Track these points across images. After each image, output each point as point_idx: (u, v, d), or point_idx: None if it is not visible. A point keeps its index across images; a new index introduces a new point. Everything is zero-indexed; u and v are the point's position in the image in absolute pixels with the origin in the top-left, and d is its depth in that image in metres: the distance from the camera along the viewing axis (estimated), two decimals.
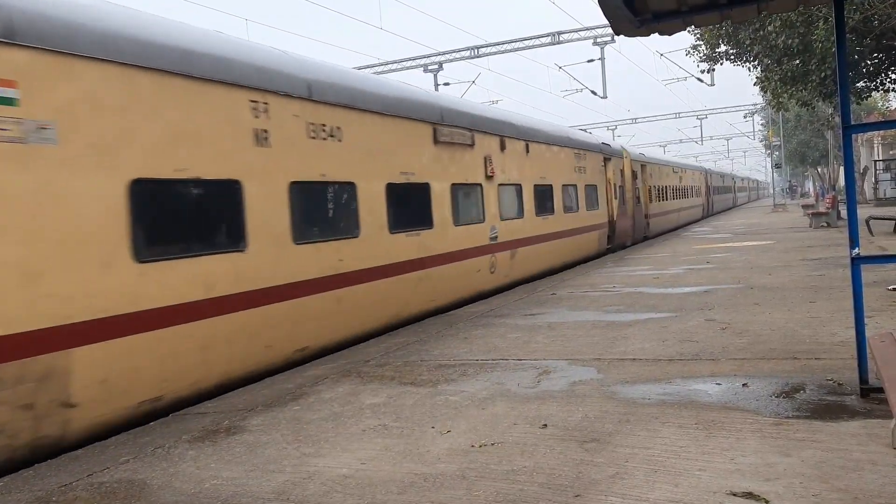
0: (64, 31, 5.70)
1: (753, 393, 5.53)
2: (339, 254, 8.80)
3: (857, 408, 4.97)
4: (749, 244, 20.44)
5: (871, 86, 22.01)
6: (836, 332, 7.46)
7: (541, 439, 4.81)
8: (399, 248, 10.12)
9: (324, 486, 4.26)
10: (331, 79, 9.02)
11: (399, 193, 10.20)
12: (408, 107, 10.68)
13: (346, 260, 8.93)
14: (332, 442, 5.10)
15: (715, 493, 3.73)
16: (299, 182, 8.24)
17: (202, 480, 4.52)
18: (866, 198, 42.55)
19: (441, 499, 3.94)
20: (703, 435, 4.65)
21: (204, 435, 5.54)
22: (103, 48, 6.01)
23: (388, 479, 4.31)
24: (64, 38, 5.69)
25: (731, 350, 7.06)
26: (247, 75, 7.56)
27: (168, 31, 6.81)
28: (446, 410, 5.68)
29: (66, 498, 4.40)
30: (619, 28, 5.41)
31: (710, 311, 9.43)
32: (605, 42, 30.85)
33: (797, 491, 3.67)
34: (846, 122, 5.33)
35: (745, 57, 21.40)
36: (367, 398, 6.25)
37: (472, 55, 33.24)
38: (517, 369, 6.94)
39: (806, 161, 64.34)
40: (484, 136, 13.29)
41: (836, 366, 6.09)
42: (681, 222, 36.32)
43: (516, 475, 4.21)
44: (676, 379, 6.12)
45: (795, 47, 18.56)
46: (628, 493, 3.82)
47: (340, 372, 7.40)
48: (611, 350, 7.48)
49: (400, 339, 9.16)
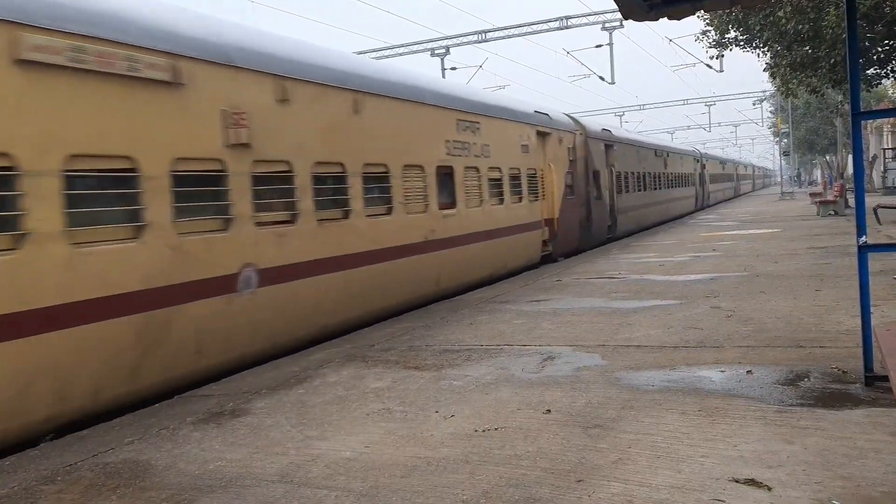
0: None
1: (757, 380, 5.52)
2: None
3: (862, 396, 4.96)
4: (755, 232, 20.37)
5: (882, 73, 21.83)
6: (842, 320, 7.43)
7: (544, 425, 4.82)
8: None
9: (327, 469, 4.27)
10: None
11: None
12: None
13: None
14: (336, 425, 5.12)
15: (717, 479, 3.73)
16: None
17: (206, 462, 4.55)
18: (875, 186, 42.34)
19: (444, 482, 3.96)
20: (707, 422, 4.65)
21: (208, 417, 5.57)
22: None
23: (392, 462, 4.32)
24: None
25: (735, 338, 7.05)
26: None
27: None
28: (450, 395, 5.69)
29: (72, 478, 4.43)
30: (628, 13, 5.37)
31: (716, 298, 9.41)
32: (614, 27, 30.66)
33: (800, 478, 3.67)
34: (856, 108, 5.29)
35: (755, 43, 21.21)
36: (372, 382, 6.27)
37: (480, 40, 33.06)
38: (521, 355, 6.95)
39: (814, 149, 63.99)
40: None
41: (840, 354, 6.08)
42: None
43: (519, 460, 4.22)
44: (681, 366, 6.12)
45: (805, 33, 18.39)
46: (631, 479, 3.82)
47: (345, 356, 7.42)
48: (615, 337, 7.48)
49: (405, 324, 9.18)
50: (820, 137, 57.91)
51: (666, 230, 24.20)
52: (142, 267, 6.29)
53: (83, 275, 5.79)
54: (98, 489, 4.22)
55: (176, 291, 6.60)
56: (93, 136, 5.98)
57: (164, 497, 4.03)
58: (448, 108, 12.02)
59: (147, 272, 6.33)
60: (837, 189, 28.65)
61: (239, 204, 7.38)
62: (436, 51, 34.36)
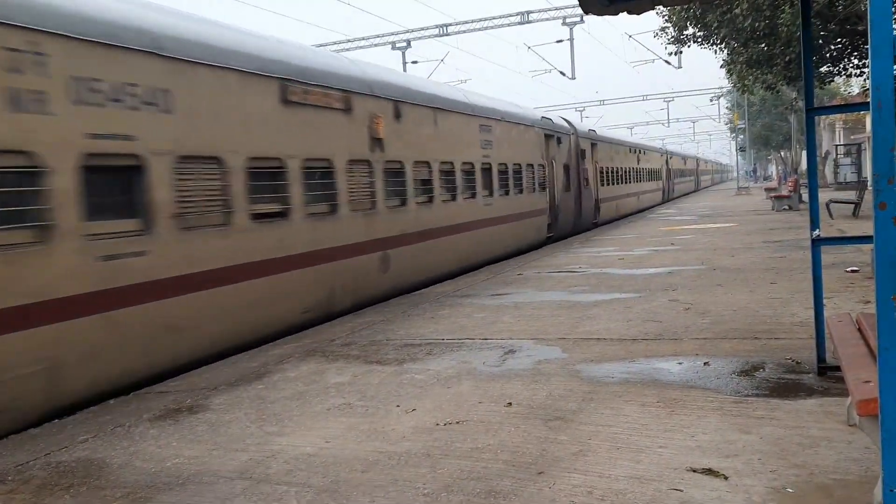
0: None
1: (714, 371, 5.61)
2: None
3: (815, 386, 5.07)
4: (713, 226, 20.70)
5: (835, 71, 22.30)
6: (796, 312, 7.59)
7: (505, 417, 4.83)
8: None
9: (287, 465, 4.23)
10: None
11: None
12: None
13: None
14: (296, 421, 5.07)
15: (675, 469, 3.78)
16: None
17: (164, 459, 4.47)
18: (827, 181, 43.30)
19: (406, 476, 3.94)
20: (665, 413, 4.70)
21: (165, 413, 5.47)
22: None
23: (353, 457, 4.29)
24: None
25: (693, 330, 7.15)
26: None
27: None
28: (412, 389, 5.68)
29: (23, 477, 4.32)
30: (588, 6, 5.38)
31: (674, 291, 9.54)
32: (574, 22, 30.87)
33: (755, 467, 3.74)
34: (809, 104, 5.39)
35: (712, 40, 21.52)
36: (332, 377, 6.23)
37: (441, 33, 33.02)
38: (483, 348, 6.96)
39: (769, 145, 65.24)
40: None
41: (794, 345, 6.21)
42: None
43: (481, 453, 4.22)
44: (640, 358, 6.19)
45: (761, 31, 18.71)
46: (591, 470, 3.86)
47: (305, 351, 7.35)
48: (576, 330, 7.53)
49: (366, 318, 9.13)
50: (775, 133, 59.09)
51: (626, 224, 24.47)
52: (337, 230, 9.72)
53: (353, 232, 10.01)
54: (51, 489, 4.12)
55: (358, 248, 10.18)
56: (316, 145, 9.33)
57: (119, 495, 3.95)
58: (478, 116, 15.12)
59: (340, 235, 9.76)
60: (791, 184, 29.22)
61: (378, 192, 10.79)
62: (397, 44, 34.23)
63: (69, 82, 5.99)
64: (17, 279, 5.52)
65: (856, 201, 20.48)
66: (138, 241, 6.61)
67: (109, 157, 6.41)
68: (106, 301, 6.22)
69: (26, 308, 5.56)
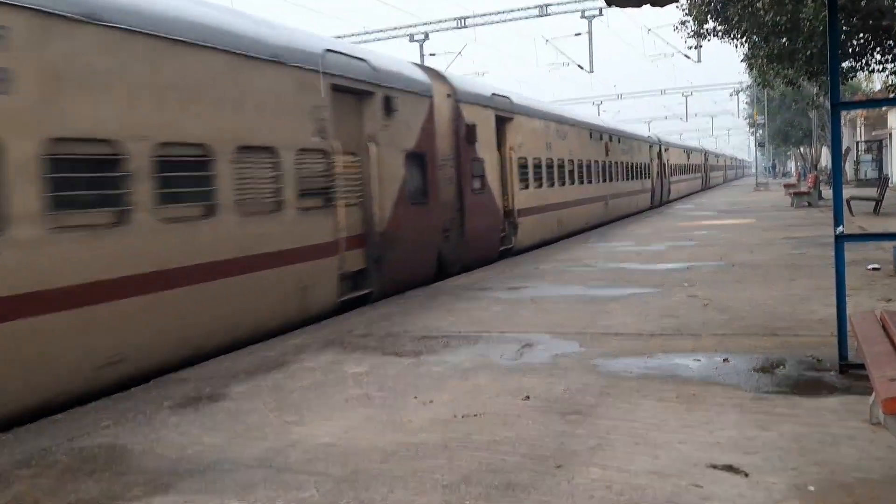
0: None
1: (734, 368, 5.58)
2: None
3: (837, 384, 5.04)
4: (731, 222, 20.56)
5: (857, 66, 22.03)
6: (816, 309, 7.53)
7: (523, 411, 4.84)
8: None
9: (306, 454, 4.26)
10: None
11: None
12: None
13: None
14: (314, 410, 5.10)
15: (695, 465, 3.77)
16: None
17: (184, 447, 4.51)
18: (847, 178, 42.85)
19: (423, 467, 3.96)
20: (684, 408, 4.69)
21: (186, 401, 5.52)
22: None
23: (371, 447, 4.31)
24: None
25: (712, 326, 7.11)
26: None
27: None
28: (429, 381, 5.69)
29: (47, 462, 4.38)
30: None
31: (692, 287, 9.49)
32: (593, 15, 30.68)
33: (776, 464, 3.72)
34: (835, 99, 5.33)
35: (733, 34, 21.31)
36: (350, 367, 6.25)
37: (459, 25, 32.93)
38: (500, 342, 6.96)
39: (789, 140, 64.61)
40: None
41: (815, 342, 6.16)
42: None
43: (498, 445, 4.23)
44: (658, 353, 6.17)
45: (783, 25, 18.49)
46: (609, 465, 3.85)
47: (323, 341, 7.38)
48: (593, 324, 7.52)
49: (383, 309, 9.15)
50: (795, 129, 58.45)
51: (642, 219, 24.34)
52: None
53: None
54: (74, 473, 4.17)
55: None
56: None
57: (141, 481, 3.99)
58: (591, 129, 21.40)
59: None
60: (811, 180, 28.97)
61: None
62: (415, 36, 34.16)
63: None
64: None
65: (877, 198, 20.26)
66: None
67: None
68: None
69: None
